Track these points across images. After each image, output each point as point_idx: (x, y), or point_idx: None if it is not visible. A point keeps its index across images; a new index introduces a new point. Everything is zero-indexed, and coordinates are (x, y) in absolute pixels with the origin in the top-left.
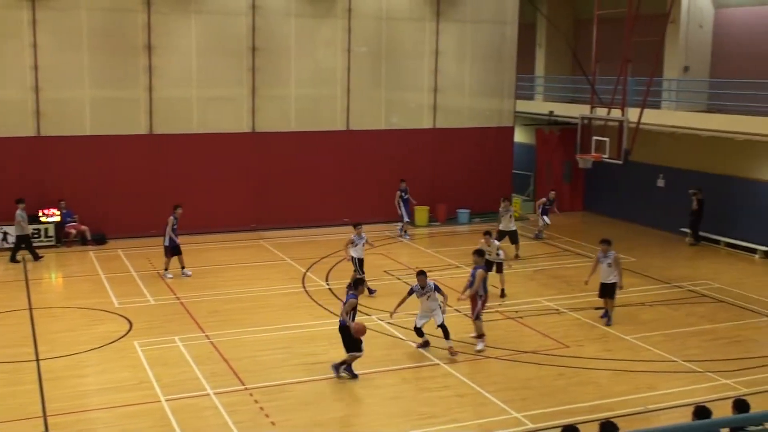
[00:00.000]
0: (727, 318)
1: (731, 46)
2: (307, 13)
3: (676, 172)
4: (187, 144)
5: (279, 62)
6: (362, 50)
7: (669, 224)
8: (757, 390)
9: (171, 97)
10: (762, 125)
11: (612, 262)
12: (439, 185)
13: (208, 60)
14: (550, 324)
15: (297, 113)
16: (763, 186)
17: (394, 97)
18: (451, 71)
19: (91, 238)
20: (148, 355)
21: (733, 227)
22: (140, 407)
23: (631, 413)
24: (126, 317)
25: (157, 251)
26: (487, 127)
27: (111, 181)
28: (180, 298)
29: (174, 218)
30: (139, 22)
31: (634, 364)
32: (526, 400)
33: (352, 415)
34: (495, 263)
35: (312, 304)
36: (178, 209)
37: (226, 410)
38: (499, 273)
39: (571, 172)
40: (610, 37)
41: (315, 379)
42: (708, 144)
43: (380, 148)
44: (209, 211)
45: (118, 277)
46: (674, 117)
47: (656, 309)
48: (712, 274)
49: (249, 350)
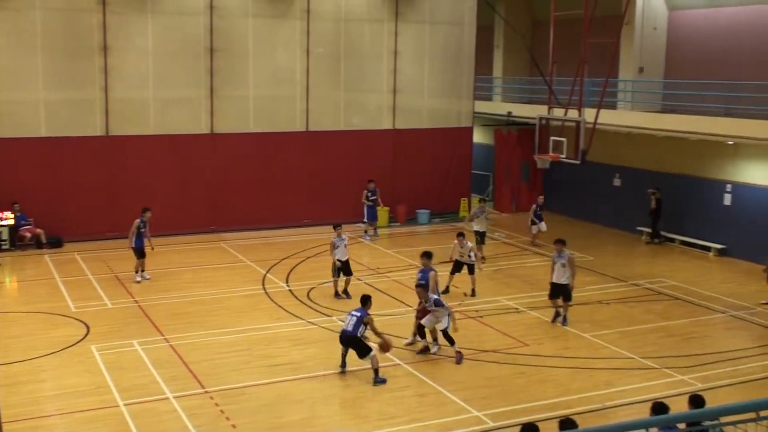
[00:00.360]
0: (683, 315)
1: (684, 48)
2: (266, 14)
3: (632, 171)
4: (145, 146)
5: (237, 63)
6: (321, 51)
7: (625, 223)
8: (712, 385)
9: (128, 98)
10: (714, 125)
11: (566, 263)
12: (398, 186)
13: (165, 61)
14: (509, 323)
15: (256, 114)
16: (717, 185)
17: (353, 98)
18: (410, 72)
19: (47, 241)
20: (106, 360)
21: (687, 226)
22: (98, 412)
23: (589, 410)
24: (83, 321)
25: (114, 254)
26: (446, 127)
27: (66, 183)
28: (138, 302)
29: (141, 221)
30: (95, 22)
31: (593, 362)
32: (487, 399)
33: (314, 416)
34: (467, 265)
35: (272, 305)
36: (146, 212)
37: (186, 414)
38: (471, 274)
39: (529, 172)
40: (567, 39)
41: (276, 381)
42: (663, 144)
43: (340, 149)
44: (168, 213)
45: (74, 281)
46: (630, 117)
47: (613, 307)
48: (668, 272)
49: (209, 353)
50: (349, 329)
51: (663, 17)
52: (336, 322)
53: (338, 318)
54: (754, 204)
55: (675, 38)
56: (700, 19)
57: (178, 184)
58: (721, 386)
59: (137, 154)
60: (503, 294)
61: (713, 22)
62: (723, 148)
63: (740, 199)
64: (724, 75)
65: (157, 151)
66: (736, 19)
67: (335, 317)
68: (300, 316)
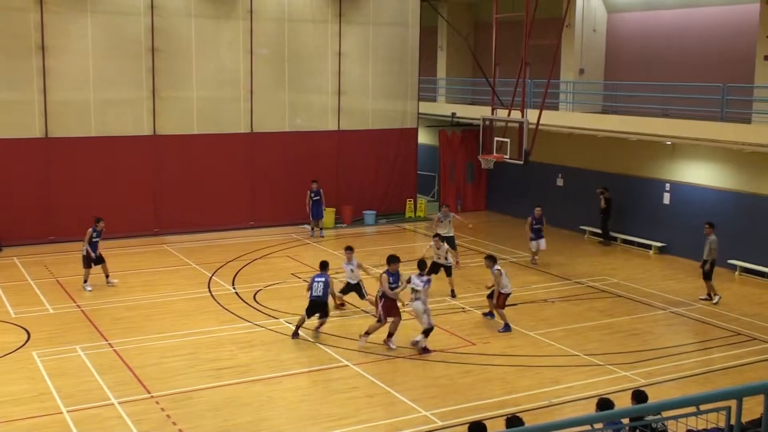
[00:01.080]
0: (625, 312)
1: (623, 50)
2: (208, 14)
3: (574, 171)
4: (85, 148)
5: (180, 64)
6: (264, 52)
7: (569, 222)
8: (654, 381)
9: (67, 99)
10: (653, 126)
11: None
12: (344, 187)
13: (105, 61)
14: (456, 322)
15: (199, 115)
16: (656, 184)
17: (297, 99)
18: (354, 73)
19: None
20: (48, 366)
21: (629, 225)
22: (40, 420)
23: (536, 407)
24: (24, 327)
25: (54, 258)
26: (391, 128)
27: (4, 186)
28: (81, 306)
29: (93, 230)
30: (31, 21)
31: (538, 359)
32: (435, 398)
33: (261, 419)
34: (444, 266)
35: (218, 308)
36: (99, 222)
37: (132, 420)
38: (449, 276)
39: (474, 172)
40: (509, 40)
41: (222, 384)
42: (604, 144)
43: (284, 150)
44: (109, 216)
45: (14, 286)
46: (571, 118)
47: (558, 305)
48: (610, 270)
49: (154, 357)
50: (320, 294)
51: (602, 20)
52: (283, 324)
53: (285, 320)
54: (691, 203)
55: (614, 40)
56: (638, 22)
57: (119, 187)
58: (663, 381)
59: (77, 157)
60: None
61: (651, 25)
62: (662, 148)
63: (679, 198)
64: (661, 76)
65: (98, 154)
66: (673, 22)
67: (282, 319)
68: (247, 318)
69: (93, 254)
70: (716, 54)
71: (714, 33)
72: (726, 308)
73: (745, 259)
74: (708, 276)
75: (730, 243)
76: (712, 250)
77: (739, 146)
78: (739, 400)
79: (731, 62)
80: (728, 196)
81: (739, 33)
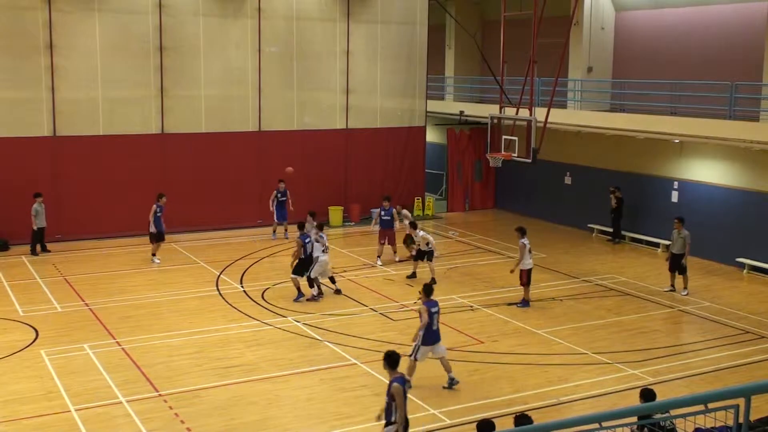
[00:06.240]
0: (633, 310)
1: (631, 48)
2: (216, 13)
3: (582, 169)
4: (94, 146)
5: (188, 62)
6: (273, 50)
7: (577, 221)
8: (662, 379)
9: (75, 98)
10: (661, 124)
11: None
12: (352, 185)
13: (113, 60)
14: (464, 320)
15: (207, 114)
16: (664, 182)
17: (306, 97)
18: (362, 72)
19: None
20: (56, 364)
21: (637, 223)
22: (48, 418)
23: (544, 406)
24: (32, 325)
25: (62, 257)
26: (399, 127)
27: (13, 184)
28: (89, 305)
29: (156, 206)
30: (40, 20)
31: (547, 358)
32: (443, 397)
33: (269, 418)
34: (426, 253)
35: (226, 306)
36: (162, 198)
37: (140, 418)
38: (429, 261)
39: (482, 170)
40: (517, 39)
41: (230, 383)
42: (612, 142)
43: (293, 148)
44: (118, 214)
45: (22, 284)
46: (579, 116)
47: (566, 303)
48: (618, 268)
49: (162, 356)
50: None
51: (610, 18)
52: (291, 322)
53: (293, 318)
54: (700, 201)
55: (622, 38)
56: (646, 20)
57: (127, 185)
58: (671, 380)
59: (86, 155)
60: (457, 292)
61: (659, 23)
62: (670, 147)
63: (687, 196)
64: (669, 74)
65: (106, 152)
66: (681, 20)
67: (290, 317)
68: (254, 317)
69: (157, 229)
70: (724, 52)
71: (722, 31)
72: (734, 306)
73: (753, 258)
74: (684, 269)
75: (739, 241)
76: (687, 245)
77: (747, 144)
78: (747, 398)
79: (739, 60)
80: (736, 194)
81: (748, 31)
